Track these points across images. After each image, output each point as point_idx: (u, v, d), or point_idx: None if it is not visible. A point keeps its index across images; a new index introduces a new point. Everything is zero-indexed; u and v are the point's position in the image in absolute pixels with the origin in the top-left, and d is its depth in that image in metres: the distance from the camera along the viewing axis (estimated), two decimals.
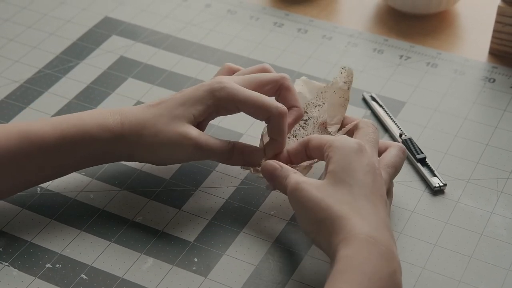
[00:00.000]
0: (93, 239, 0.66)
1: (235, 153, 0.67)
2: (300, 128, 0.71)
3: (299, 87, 0.72)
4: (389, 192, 0.65)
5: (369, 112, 0.78)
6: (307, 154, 0.66)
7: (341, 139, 0.62)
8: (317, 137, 0.65)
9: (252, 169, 0.68)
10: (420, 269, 0.64)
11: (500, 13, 0.82)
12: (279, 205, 0.69)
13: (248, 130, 0.76)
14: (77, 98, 0.80)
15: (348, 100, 0.70)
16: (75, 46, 0.86)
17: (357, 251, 0.56)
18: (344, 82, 0.70)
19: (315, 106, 0.71)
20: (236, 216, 0.68)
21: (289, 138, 0.70)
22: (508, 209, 0.68)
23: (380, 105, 0.78)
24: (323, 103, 0.71)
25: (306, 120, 0.71)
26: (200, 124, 0.68)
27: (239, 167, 0.70)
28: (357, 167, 0.60)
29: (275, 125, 0.66)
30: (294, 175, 0.63)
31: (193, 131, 0.66)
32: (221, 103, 0.67)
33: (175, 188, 0.70)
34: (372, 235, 0.57)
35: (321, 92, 0.72)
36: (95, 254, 0.65)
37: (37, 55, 0.85)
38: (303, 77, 0.74)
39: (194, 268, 0.64)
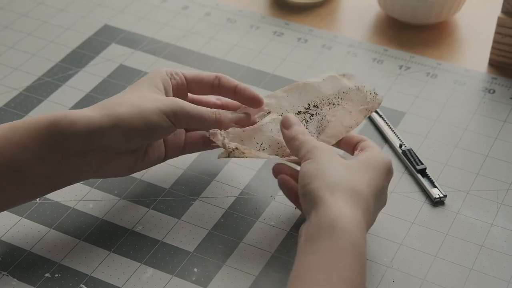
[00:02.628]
0: (93, 248, 0.66)
1: (223, 119, 0.66)
2: (304, 121, 0.68)
3: (320, 80, 0.70)
4: None
5: (369, 122, 0.78)
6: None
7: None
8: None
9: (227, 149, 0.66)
10: (420, 280, 0.64)
11: (500, 24, 0.82)
12: (279, 215, 0.69)
13: None
14: (76, 106, 0.80)
15: (362, 120, 0.69)
16: (74, 54, 0.86)
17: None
18: (366, 108, 0.69)
19: (329, 104, 0.69)
20: (236, 226, 0.68)
21: None
22: (508, 221, 0.68)
23: (380, 116, 0.78)
24: (338, 104, 0.69)
25: (312, 115, 0.69)
26: None
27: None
28: (381, 181, 0.62)
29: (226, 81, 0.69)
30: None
31: (172, 97, 0.66)
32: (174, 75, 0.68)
33: (175, 198, 0.70)
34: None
35: (343, 92, 0.69)
36: (95, 264, 0.64)
37: (37, 62, 0.85)
38: (334, 73, 0.71)
39: (194, 279, 0.64)
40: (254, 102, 0.69)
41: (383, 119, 0.77)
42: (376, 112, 0.78)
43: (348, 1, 0.94)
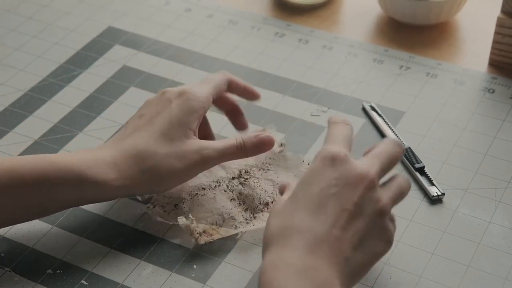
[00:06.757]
0: (94, 245, 0.67)
1: (248, 146, 0.67)
2: (239, 184, 0.69)
3: None
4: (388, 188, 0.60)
5: (368, 122, 0.79)
6: None
7: (324, 149, 0.59)
8: None
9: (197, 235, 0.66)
10: (417, 277, 0.64)
11: (500, 24, 0.82)
12: None
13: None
14: (80, 107, 0.81)
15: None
16: (78, 55, 0.87)
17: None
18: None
19: (259, 170, 0.71)
20: None
21: (225, 191, 0.69)
22: (506, 219, 0.69)
23: (380, 115, 0.78)
24: (268, 170, 0.71)
25: (246, 179, 0.70)
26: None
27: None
28: (319, 181, 0.57)
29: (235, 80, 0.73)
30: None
31: (203, 143, 0.66)
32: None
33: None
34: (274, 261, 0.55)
35: (269, 158, 0.72)
36: (96, 260, 0.65)
37: (41, 64, 0.86)
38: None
39: (193, 275, 0.64)
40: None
41: (383, 118, 0.78)
42: (376, 111, 0.79)
43: (349, 3, 0.95)
